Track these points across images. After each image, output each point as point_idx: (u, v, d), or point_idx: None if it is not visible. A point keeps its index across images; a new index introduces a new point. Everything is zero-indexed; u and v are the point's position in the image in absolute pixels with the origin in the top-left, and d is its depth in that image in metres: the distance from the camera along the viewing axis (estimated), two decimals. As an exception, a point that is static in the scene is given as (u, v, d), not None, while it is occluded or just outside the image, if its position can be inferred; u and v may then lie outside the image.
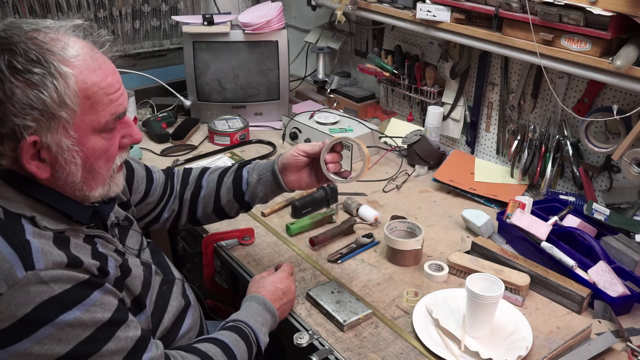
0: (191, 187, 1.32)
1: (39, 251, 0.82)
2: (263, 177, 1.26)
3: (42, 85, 0.81)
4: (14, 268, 0.79)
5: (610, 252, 1.34)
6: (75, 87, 0.83)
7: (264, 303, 1.18)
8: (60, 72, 0.82)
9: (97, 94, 0.86)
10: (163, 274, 1.13)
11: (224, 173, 1.32)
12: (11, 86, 0.80)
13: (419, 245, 1.40)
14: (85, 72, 0.85)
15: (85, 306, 0.84)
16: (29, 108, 0.81)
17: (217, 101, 2.19)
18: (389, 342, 1.18)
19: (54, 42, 0.84)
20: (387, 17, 1.91)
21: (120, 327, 0.89)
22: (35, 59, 0.81)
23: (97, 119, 0.87)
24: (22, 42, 0.81)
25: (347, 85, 2.41)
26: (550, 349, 1.15)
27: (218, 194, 1.30)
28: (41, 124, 0.82)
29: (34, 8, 2.13)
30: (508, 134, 1.85)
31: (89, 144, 0.88)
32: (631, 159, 1.45)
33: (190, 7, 2.53)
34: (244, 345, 1.08)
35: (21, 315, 0.79)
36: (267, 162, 1.29)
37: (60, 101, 0.82)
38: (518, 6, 1.49)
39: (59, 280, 0.82)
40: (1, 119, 0.81)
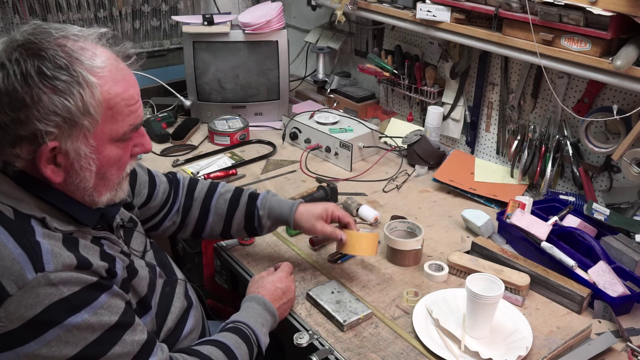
0: (198, 208, 1.32)
1: (49, 253, 0.82)
2: (277, 221, 1.33)
3: (69, 92, 0.82)
4: (24, 269, 0.79)
5: (610, 252, 1.34)
6: (99, 97, 0.85)
7: (264, 303, 1.18)
8: (87, 82, 0.83)
9: (118, 104, 0.88)
10: (166, 274, 1.13)
11: (234, 204, 1.32)
12: (38, 91, 0.81)
13: (419, 245, 1.40)
14: (109, 83, 0.86)
15: (93, 309, 0.84)
16: (53, 114, 0.82)
17: (217, 101, 2.18)
18: (389, 342, 1.18)
19: (82, 50, 0.85)
20: (387, 17, 1.91)
21: (127, 330, 0.89)
22: (63, 66, 0.82)
23: (116, 129, 0.89)
24: (52, 49, 0.82)
25: (347, 85, 2.41)
26: (550, 349, 1.15)
27: (229, 224, 1.33)
28: (63, 130, 0.83)
29: (34, 8, 2.13)
30: (508, 134, 1.85)
31: (105, 152, 0.89)
32: (631, 159, 1.45)
33: (190, 7, 2.53)
34: (245, 347, 1.08)
35: (30, 316, 0.79)
36: (283, 211, 1.31)
37: (85, 110, 0.83)
38: (518, 6, 1.49)
39: (68, 283, 0.82)
40: (23, 122, 0.81)
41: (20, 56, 0.81)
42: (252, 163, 1.93)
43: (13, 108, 0.81)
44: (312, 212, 1.30)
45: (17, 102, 0.81)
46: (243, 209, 1.32)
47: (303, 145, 1.99)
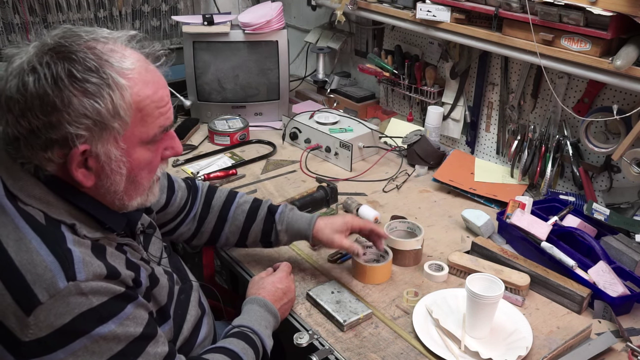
0: (214, 217, 1.31)
1: (81, 261, 0.82)
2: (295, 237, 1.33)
3: (99, 95, 0.82)
4: (56, 278, 0.79)
5: (610, 252, 1.34)
6: (130, 99, 0.84)
7: (266, 305, 1.18)
8: (117, 84, 0.83)
9: (148, 106, 0.87)
10: (181, 280, 1.13)
11: (252, 217, 1.31)
12: (69, 94, 0.80)
13: (419, 245, 1.40)
14: (139, 85, 0.86)
15: (120, 319, 0.85)
16: (83, 117, 0.81)
17: (217, 101, 2.18)
18: (389, 342, 1.18)
19: (112, 53, 0.85)
20: (387, 17, 1.91)
21: (150, 342, 0.90)
22: (93, 68, 0.82)
23: (146, 131, 0.88)
24: (82, 51, 0.82)
25: (347, 85, 2.41)
26: (550, 349, 1.15)
27: (245, 237, 1.33)
28: (93, 133, 0.83)
29: (34, 8, 2.13)
30: (508, 134, 1.85)
31: (135, 155, 0.89)
32: (631, 159, 1.45)
33: (190, 7, 2.53)
34: (252, 353, 1.08)
35: (59, 325, 0.79)
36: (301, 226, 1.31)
37: (115, 112, 0.83)
38: (518, 6, 1.50)
39: (97, 293, 0.82)
40: (54, 126, 0.81)
41: (50, 59, 0.81)
42: (252, 163, 1.93)
43: (44, 112, 0.80)
44: (330, 226, 1.29)
45: (48, 106, 0.80)
46: (261, 223, 1.31)
47: (303, 145, 1.99)
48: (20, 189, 0.85)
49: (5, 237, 0.82)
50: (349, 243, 1.30)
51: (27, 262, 0.80)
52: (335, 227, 1.29)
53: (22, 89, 0.80)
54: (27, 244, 0.81)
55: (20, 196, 0.85)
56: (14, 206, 0.84)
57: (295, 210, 1.34)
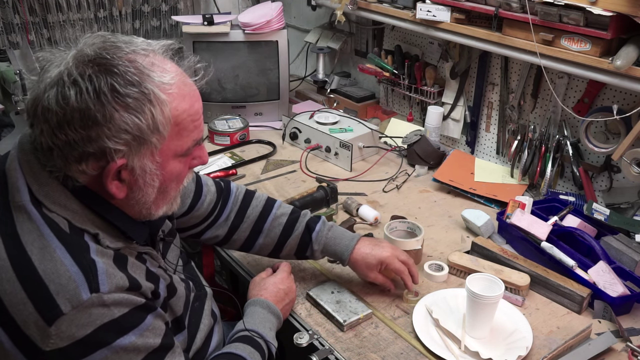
0: (249, 227, 1.27)
1: (104, 273, 0.81)
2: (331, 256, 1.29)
3: (140, 110, 0.81)
4: (80, 289, 0.79)
5: (610, 252, 1.34)
6: (169, 114, 0.84)
7: (269, 307, 1.18)
8: (158, 99, 0.82)
9: (185, 120, 0.87)
10: (196, 288, 1.13)
11: (288, 231, 1.27)
12: (111, 110, 0.79)
13: (419, 245, 1.40)
14: (177, 99, 0.85)
15: (140, 331, 0.84)
16: (124, 132, 0.80)
17: (217, 101, 2.18)
18: (389, 342, 1.18)
19: (152, 66, 0.83)
20: (387, 17, 1.91)
21: (168, 352, 0.90)
22: (135, 83, 0.80)
23: (180, 144, 0.88)
24: (123, 65, 0.80)
25: (347, 85, 2.41)
26: (550, 349, 1.15)
27: (279, 250, 1.29)
28: (132, 148, 0.82)
29: (34, 8, 2.13)
30: (508, 134, 1.85)
31: (169, 168, 0.89)
32: (631, 159, 1.45)
33: (190, 7, 2.53)
34: (259, 356, 1.08)
35: (81, 336, 0.79)
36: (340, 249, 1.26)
37: (154, 127, 0.82)
38: (518, 6, 1.49)
39: (119, 304, 0.82)
40: (93, 139, 0.80)
41: (93, 72, 0.79)
42: (252, 163, 1.93)
43: (84, 125, 0.79)
44: (367, 262, 1.25)
45: (89, 120, 0.79)
46: (297, 239, 1.27)
47: (303, 145, 1.99)
48: (45, 195, 0.84)
49: (30, 244, 0.80)
50: (382, 279, 1.27)
51: (50, 272, 0.79)
52: (371, 265, 1.25)
53: (62, 102, 0.79)
54: (51, 252, 0.80)
55: (45, 202, 0.83)
56: (39, 212, 0.83)
57: (335, 228, 1.29)
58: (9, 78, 1.84)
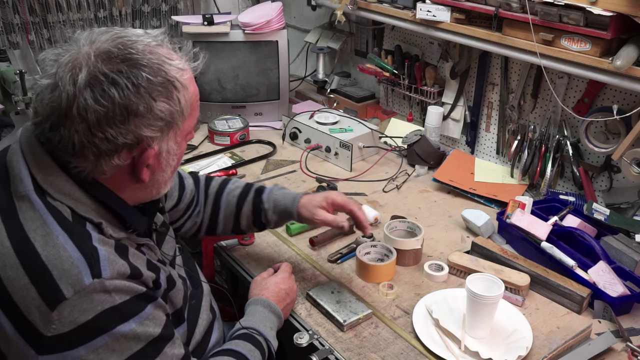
0: (210, 206, 1.32)
1: (106, 260, 0.82)
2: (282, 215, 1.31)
3: (170, 97, 0.86)
4: (82, 274, 0.80)
5: (610, 252, 1.34)
6: (188, 97, 0.90)
7: (270, 306, 1.18)
8: (182, 84, 0.88)
9: (195, 102, 0.93)
10: (192, 285, 1.14)
11: (242, 200, 1.32)
12: (149, 100, 0.83)
13: (419, 245, 1.40)
14: (190, 83, 0.91)
15: (141, 319, 0.85)
16: (159, 120, 0.85)
17: (217, 101, 2.18)
18: (389, 342, 1.18)
19: (169, 55, 0.88)
20: (387, 17, 1.91)
21: (168, 343, 0.90)
22: (161, 73, 0.85)
23: (190, 124, 0.94)
24: (146, 57, 0.84)
25: (347, 85, 2.41)
26: (550, 349, 1.15)
27: (238, 220, 1.33)
28: (164, 132, 0.88)
29: (34, 8, 2.13)
30: (508, 134, 1.85)
31: (182, 147, 0.95)
32: (631, 159, 1.45)
33: (190, 7, 2.53)
34: (259, 354, 1.09)
35: (82, 321, 0.79)
36: (286, 202, 1.29)
37: (181, 111, 0.88)
38: (518, 6, 1.50)
39: (120, 291, 0.83)
40: (131, 131, 0.83)
41: (127, 68, 0.82)
42: (252, 163, 1.93)
43: (124, 120, 0.82)
44: (312, 201, 1.27)
45: (132, 113, 0.82)
46: (250, 205, 1.31)
47: (303, 145, 1.99)
48: (50, 183, 0.85)
49: (33, 231, 0.82)
50: (331, 217, 1.26)
51: (54, 258, 0.80)
52: (316, 203, 1.27)
53: (103, 101, 0.81)
54: (54, 239, 0.81)
55: (49, 190, 0.85)
56: (42, 201, 0.84)
57: (286, 190, 1.33)
58: (9, 78, 1.84)
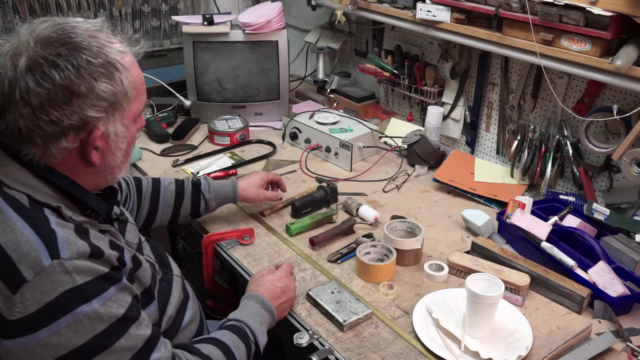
0: (147, 203, 1.41)
1: (64, 240, 0.84)
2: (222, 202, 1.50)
3: (112, 78, 0.89)
4: (41, 256, 0.81)
5: (610, 252, 1.34)
6: (131, 79, 0.93)
7: (262, 302, 1.19)
8: (123, 66, 0.91)
9: (139, 85, 0.97)
10: (163, 271, 1.15)
11: (180, 194, 1.44)
12: (91, 80, 0.87)
13: (419, 245, 1.40)
14: (132, 65, 0.95)
15: (103, 299, 0.86)
16: (103, 100, 0.89)
17: (217, 101, 2.18)
18: (389, 342, 1.18)
19: (108, 39, 0.92)
20: (387, 17, 1.91)
21: (133, 324, 0.91)
22: (102, 55, 0.89)
23: (137, 107, 0.98)
24: (86, 41, 0.88)
25: (347, 85, 2.41)
26: (550, 349, 1.15)
27: (177, 214, 1.45)
28: (109, 114, 0.91)
29: (34, 8, 2.13)
30: (508, 134, 1.85)
31: (131, 130, 0.98)
32: (631, 159, 1.45)
33: (190, 7, 2.53)
34: (244, 347, 1.09)
35: (44, 303, 0.81)
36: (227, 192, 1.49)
37: (124, 92, 0.92)
38: (518, 6, 1.49)
39: (81, 272, 0.84)
40: (76, 112, 0.87)
41: (66, 51, 0.86)
42: (252, 163, 1.93)
43: (67, 101, 0.85)
44: (252, 184, 1.51)
45: (74, 94, 0.86)
46: (189, 198, 1.45)
47: (303, 145, 1.99)
48: (4, 174, 0.89)
49: None
50: (271, 193, 1.54)
51: (12, 242, 0.82)
52: (256, 184, 1.51)
53: (44, 83, 0.84)
54: (11, 225, 0.84)
55: (5, 181, 0.88)
56: None
57: (214, 180, 1.51)
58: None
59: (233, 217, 1.61)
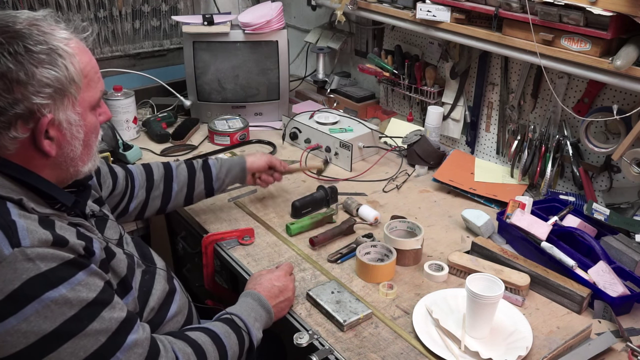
0: (160, 186, 1.44)
1: (25, 229, 0.84)
2: (232, 174, 1.52)
3: (55, 64, 0.89)
4: (1, 245, 0.81)
5: (610, 252, 1.34)
6: (78, 65, 0.92)
7: (259, 299, 1.19)
8: (67, 52, 0.91)
9: (90, 72, 0.96)
10: (146, 264, 1.16)
11: (192, 170, 1.48)
12: (30, 67, 0.86)
13: (419, 245, 1.40)
14: (80, 53, 0.94)
15: (71, 285, 0.86)
16: (46, 87, 0.88)
17: (217, 101, 2.18)
18: (389, 342, 1.18)
19: (50, 27, 0.92)
20: (387, 17, 1.91)
21: (105, 307, 0.90)
22: (43, 42, 0.88)
23: (92, 95, 0.97)
24: (26, 29, 0.88)
25: (347, 85, 2.41)
26: (550, 349, 1.15)
27: (192, 189, 1.48)
28: (56, 101, 0.90)
29: (34, 8, 2.13)
30: (508, 134, 1.85)
31: (88, 119, 0.97)
32: (631, 159, 1.45)
33: (190, 7, 2.53)
34: (235, 338, 1.09)
35: (8, 291, 0.81)
36: (235, 161, 1.54)
37: (70, 78, 0.91)
38: (518, 6, 1.49)
39: (44, 259, 0.84)
40: (19, 100, 0.86)
41: (3, 39, 0.86)
42: (252, 163, 1.93)
43: (8, 89, 0.85)
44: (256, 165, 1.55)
45: (13, 82, 0.85)
46: (200, 170, 1.48)
47: (303, 145, 1.99)
48: None
49: None
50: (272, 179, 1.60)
51: None
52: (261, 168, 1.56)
53: None
54: None
55: None
56: None
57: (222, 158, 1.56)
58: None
59: (233, 217, 1.61)
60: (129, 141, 1.98)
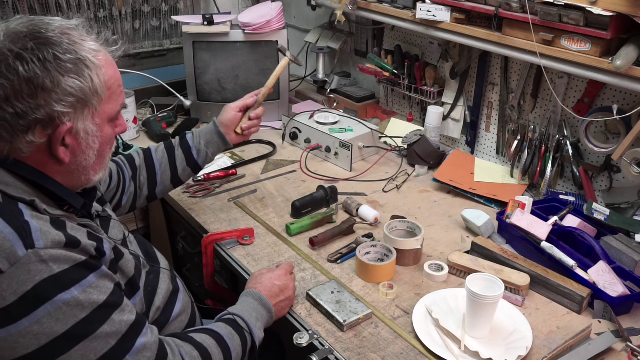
0: (143, 170, 1.44)
1: (38, 231, 0.84)
2: (210, 141, 1.47)
3: (81, 74, 0.90)
4: (15, 247, 0.82)
5: (610, 252, 1.34)
6: (103, 78, 0.94)
7: (260, 299, 1.19)
8: (94, 64, 0.92)
9: (114, 85, 0.97)
10: (150, 264, 1.16)
11: (171, 148, 1.47)
12: (57, 75, 0.87)
13: (419, 245, 1.40)
14: (106, 65, 0.95)
15: (83, 287, 0.86)
16: (69, 96, 0.89)
17: (217, 101, 2.18)
18: (389, 342, 1.18)
19: (81, 38, 0.93)
20: (387, 17, 1.91)
21: (116, 310, 0.91)
22: (72, 51, 0.90)
23: (112, 108, 0.98)
24: (57, 37, 0.89)
25: (347, 85, 2.41)
26: (550, 349, 1.15)
27: (174, 167, 1.46)
28: (77, 110, 0.91)
29: (34, 8, 2.13)
30: (508, 134, 1.85)
31: (104, 131, 0.98)
32: (631, 159, 1.45)
33: (190, 7, 2.53)
34: (239, 340, 1.10)
35: (21, 293, 0.81)
36: (209, 128, 1.49)
37: (94, 90, 0.92)
38: (518, 6, 1.49)
39: (57, 260, 0.84)
40: (41, 106, 0.87)
41: (34, 45, 0.87)
42: (252, 163, 1.93)
43: (32, 94, 0.86)
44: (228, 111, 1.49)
45: (38, 87, 0.86)
46: (179, 147, 1.47)
47: (303, 145, 1.99)
48: None
49: None
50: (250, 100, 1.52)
51: None
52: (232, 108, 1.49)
53: (9, 75, 0.85)
54: None
55: None
56: None
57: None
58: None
59: (233, 217, 1.61)
60: (129, 141, 1.98)
